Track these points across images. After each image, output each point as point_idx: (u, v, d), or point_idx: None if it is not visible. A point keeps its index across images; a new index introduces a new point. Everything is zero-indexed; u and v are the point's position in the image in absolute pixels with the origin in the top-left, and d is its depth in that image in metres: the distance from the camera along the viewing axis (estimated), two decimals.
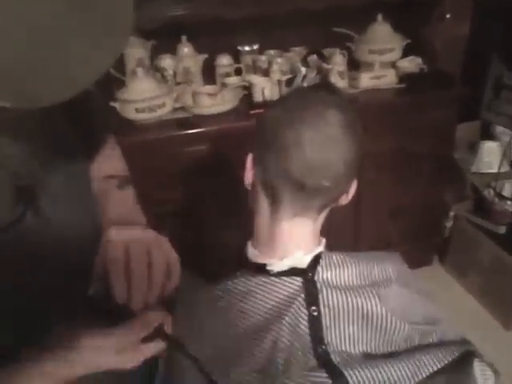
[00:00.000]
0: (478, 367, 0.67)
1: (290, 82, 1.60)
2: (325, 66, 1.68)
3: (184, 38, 1.64)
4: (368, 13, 1.73)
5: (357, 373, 0.59)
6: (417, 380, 0.60)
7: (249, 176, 0.68)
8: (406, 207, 1.90)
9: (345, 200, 0.68)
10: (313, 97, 0.63)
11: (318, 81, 1.63)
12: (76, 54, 0.36)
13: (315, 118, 0.59)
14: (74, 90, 0.37)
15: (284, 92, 1.61)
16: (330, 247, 0.71)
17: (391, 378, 0.59)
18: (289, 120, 0.60)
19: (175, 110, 1.58)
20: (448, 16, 1.90)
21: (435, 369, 0.61)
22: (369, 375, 0.59)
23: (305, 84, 1.56)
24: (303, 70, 1.57)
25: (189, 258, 0.64)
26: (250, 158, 0.67)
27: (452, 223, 2.09)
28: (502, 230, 1.85)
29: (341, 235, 1.82)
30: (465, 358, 0.66)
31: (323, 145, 0.59)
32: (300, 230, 0.66)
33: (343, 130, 0.60)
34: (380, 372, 0.59)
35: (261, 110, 1.52)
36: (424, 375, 0.60)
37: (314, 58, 1.77)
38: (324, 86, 0.77)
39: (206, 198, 1.57)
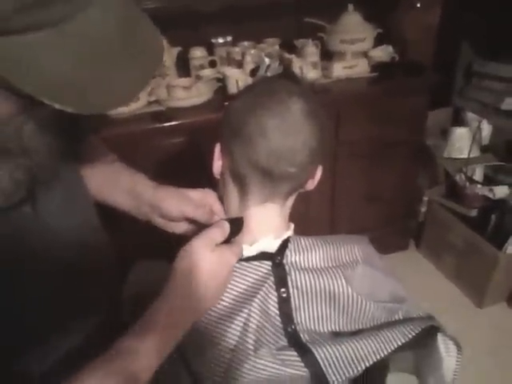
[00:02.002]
0: (441, 341, 0.70)
1: (254, 73, 1.62)
2: (287, 55, 1.71)
3: None
4: (339, 3, 1.75)
5: (325, 350, 0.61)
6: (382, 355, 0.62)
7: (217, 165, 0.69)
8: (381, 193, 1.94)
9: (311, 185, 0.70)
10: (276, 85, 0.64)
11: (280, 71, 1.65)
12: (123, 74, 0.43)
13: (278, 106, 0.61)
14: (125, 100, 0.44)
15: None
16: (306, 233, 0.73)
17: (358, 353, 0.62)
18: (253, 109, 0.61)
19: (150, 103, 1.58)
20: (418, 5, 1.94)
21: (400, 344, 0.64)
22: (336, 352, 0.61)
23: (268, 74, 1.58)
24: (267, 60, 1.59)
25: (164, 249, 0.66)
26: (217, 148, 0.68)
27: (426, 208, 2.15)
28: (474, 213, 1.91)
29: (317, 222, 1.85)
30: (429, 333, 0.69)
31: (287, 132, 0.61)
32: (268, 215, 0.68)
33: (306, 117, 0.61)
34: (347, 348, 0.62)
35: None
36: (389, 350, 0.63)
37: (276, 48, 1.79)
38: (287, 75, 0.78)
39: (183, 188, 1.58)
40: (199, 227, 0.62)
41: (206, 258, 0.58)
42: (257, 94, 0.63)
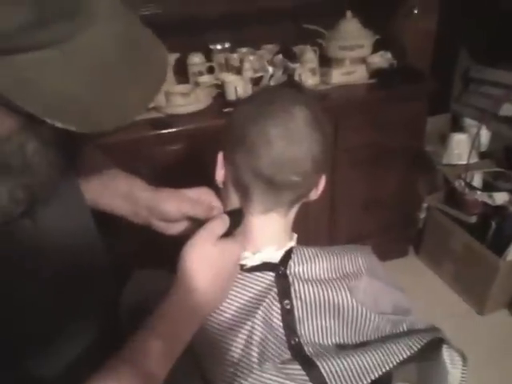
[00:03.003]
0: (446, 353, 0.69)
1: (257, 82, 1.62)
2: (291, 65, 1.70)
3: None
4: (337, 9, 1.75)
5: (329, 363, 0.60)
6: (388, 368, 0.61)
7: (220, 174, 0.68)
8: (380, 200, 1.94)
9: (314, 195, 0.69)
10: (279, 94, 0.64)
11: (284, 80, 1.65)
12: (126, 91, 0.43)
13: (282, 115, 0.60)
14: (129, 118, 0.44)
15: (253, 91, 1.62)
16: (306, 240, 0.72)
17: (362, 366, 0.61)
18: (256, 117, 0.61)
19: (148, 110, 1.57)
20: (416, 11, 1.94)
21: (405, 356, 0.63)
22: (341, 365, 0.60)
23: (271, 83, 1.58)
24: (270, 69, 1.59)
25: (164, 257, 0.65)
26: (220, 157, 0.68)
27: (425, 214, 2.14)
28: (473, 219, 1.90)
29: (316, 228, 1.85)
30: (434, 345, 0.68)
31: (290, 141, 0.60)
32: (271, 225, 0.67)
33: (310, 125, 0.61)
34: (352, 361, 0.61)
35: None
36: (395, 363, 0.62)
37: (279, 57, 1.79)
38: (290, 84, 0.78)
39: None
40: (199, 224, 0.62)
41: (208, 253, 0.58)
42: (260, 103, 0.63)
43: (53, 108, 0.38)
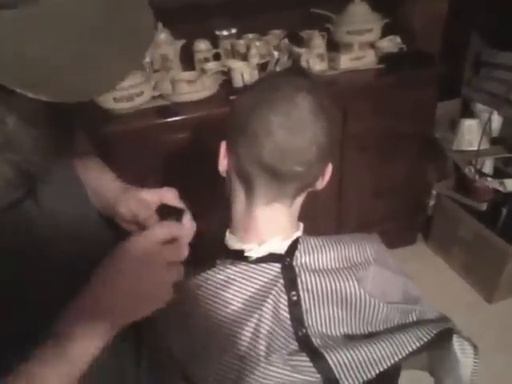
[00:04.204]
0: (456, 343, 0.69)
1: (264, 67, 1.59)
2: (296, 49, 1.67)
3: (160, 24, 1.61)
4: None
5: (337, 354, 0.59)
6: (397, 359, 0.61)
7: (223, 164, 0.67)
8: (389, 187, 1.91)
9: (320, 184, 0.68)
10: (283, 81, 0.62)
11: (290, 65, 1.62)
12: (106, 57, 0.40)
13: (284, 103, 0.58)
14: (104, 88, 0.41)
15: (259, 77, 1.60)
16: (313, 228, 0.71)
17: (371, 357, 0.60)
18: (259, 106, 0.59)
19: (154, 98, 1.56)
20: None
21: (415, 347, 0.62)
22: (349, 356, 0.59)
23: (277, 68, 1.55)
24: (276, 54, 1.55)
25: None
26: (223, 146, 0.66)
27: (434, 201, 2.12)
28: (483, 206, 1.88)
29: (324, 216, 1.84)
30: (444, 335, 0.67)
31: (293, 130, 0.58)
32: (276, 215, 0.66)
33: (314, 113, 0.59)
34: (360, 352, 0.60)
35: None
36: (404, 354, 0.62)
37: (285, 41, 1.75)
38: (295, 70, 0.76)
39: (189, 185, 1.56)
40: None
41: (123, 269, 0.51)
42: (262, 90, 0.61)
43: (21, 76, 0.36)
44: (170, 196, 0.70)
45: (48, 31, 0.37)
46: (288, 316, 0.62)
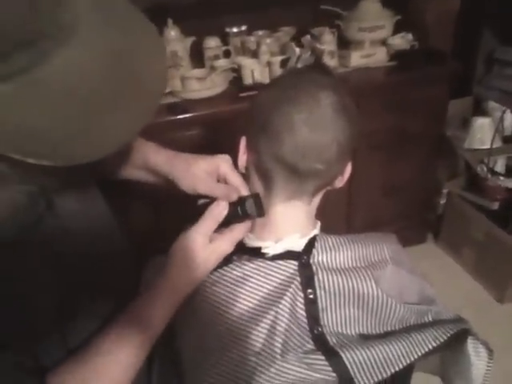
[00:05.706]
0: (471, 345, 0.67)
1: (284, 64, 1.58)
2: (318, 46, 1.66)
3: (170, 21, 1.60)
4: None
5: (352, 353, 0.59)
6: (412, 358, 0.60)
7: (242, 159, 0.67)
8: (399, 185, 1.90)
9: (340, 182, 0.67)
10: (305, 78, 0.61)
11: (312, 61, 1.61)
12: (110, 122, 0.40)
13: (307, 100, 0.58)
14: (106, 150, 0.40)
15: (275, 73, 1.59)
16: (323, 226, 0.70)
17: (386, 357, 0.59)
18: (281, 102, 0.59)
19: (164, 95, 1.56)
20: None
21: (430, 348, 0.61)
22: (364, 355, 0.59)
23: (299, 65, 1.54)
24: (297, 50, 1.54)
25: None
26: (243, 142, 0.66)
27: (445, 200, 2.10)
28: (495, 205, 1.86)
29: (334, 214, 1.83)
30: (459, 336, 0.66)
31: (315, 127, 0.58)
32: (294, 213, 0.65)
33: (336, 111, 0.58)
34: (376, 352, 0.59)
35: (251, 93, 1.50)
36: (419, 354, 0.61)
37: (307, 38, 1.74)
38: (317, 66, 0.75)
39: None
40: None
41: (195, 257, 0.60)
42: (284, 87, 0.61)
43: (19, 144, 0.36)
44: (226, 165, 0.68)
45: (47, 101, 0.37)
46: (304, 314, 0.62)
